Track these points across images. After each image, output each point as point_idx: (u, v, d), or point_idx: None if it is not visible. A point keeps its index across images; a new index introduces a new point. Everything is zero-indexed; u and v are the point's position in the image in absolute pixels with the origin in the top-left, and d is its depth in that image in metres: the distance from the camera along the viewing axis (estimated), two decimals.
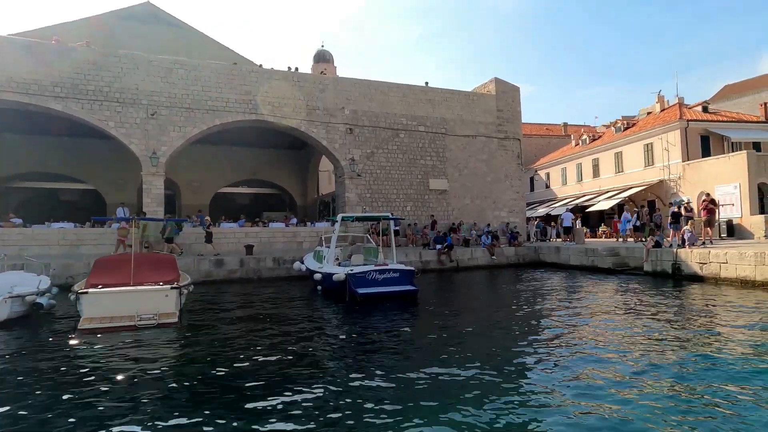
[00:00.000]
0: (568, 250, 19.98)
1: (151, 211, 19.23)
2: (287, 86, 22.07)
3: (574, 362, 6.48)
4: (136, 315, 8.43)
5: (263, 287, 15.67)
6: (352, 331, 9.27)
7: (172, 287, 8.98)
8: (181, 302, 9.82)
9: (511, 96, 26.79)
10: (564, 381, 5.70)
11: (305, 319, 10.22)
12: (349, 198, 22.78)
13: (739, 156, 23.05)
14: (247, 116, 21.42)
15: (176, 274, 10.14)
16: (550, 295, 12.80)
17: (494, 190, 25.76)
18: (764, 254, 11.41)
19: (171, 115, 20.10)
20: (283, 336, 8.31)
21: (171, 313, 8.82)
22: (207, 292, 14.04)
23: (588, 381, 5.66)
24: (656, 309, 9.89)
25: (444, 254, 20.03)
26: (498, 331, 8.72)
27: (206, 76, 20.83)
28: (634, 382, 5.53)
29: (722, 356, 6.44)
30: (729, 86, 52.17)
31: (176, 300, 9.03)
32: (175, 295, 8.99)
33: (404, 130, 24.09)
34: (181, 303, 9.68)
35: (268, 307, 11.71)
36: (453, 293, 14.92)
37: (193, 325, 9.18)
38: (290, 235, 21.78)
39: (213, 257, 17.24)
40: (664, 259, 14.28)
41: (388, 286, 12.23)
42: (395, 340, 8.23)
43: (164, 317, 8.65)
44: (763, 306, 9.73)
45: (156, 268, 9.79)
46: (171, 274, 9.92)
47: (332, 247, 13.56)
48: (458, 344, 7.61)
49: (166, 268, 10.13)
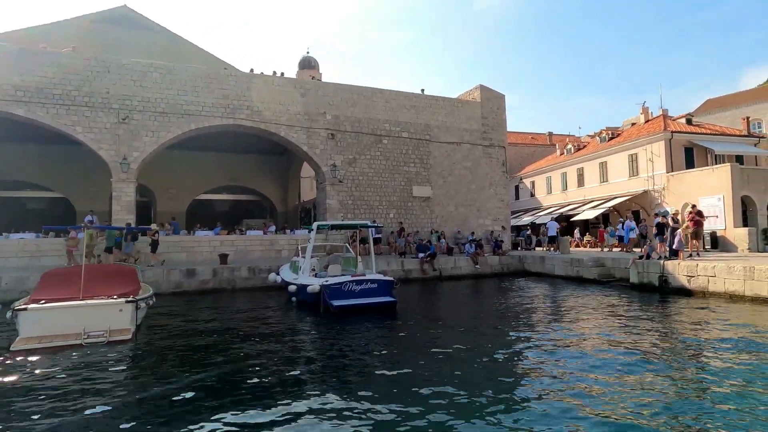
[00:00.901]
0: (553, 260, 19.60)
1: (122, 219, 18.34)
2: (267, 90, 21.44)
3: (559, 378, 6.15)
4: (83, 332, 7.65)
5: (237, 298, 14.97)
6: (323, 346, 8.65)
7: (127, 301, 8.22)
8: (140, 317, 9.08)
9: (496, 103, 26.51)
10: (548, 397, 5.36)
11: (275, 333, 9.56)
12: (330, 205, 22.14)
13: (723, 168, 22.99)
14: (225, 121, 20.71)
15: (135, 287, 9.40)
16: (534, 307, 12.30)
17: (479, 198, 25.35)
18: (753, 268, 11.06)
19: (144, 119, 19.29)
20: (248, 353, 7.65)
21: (125, 329, 8.07)
22: (175, 304, 13.27)
23: (574, 398, 5.27)
24: (642, 326, 9.44)
25: (427, 263, 19.48)
26: (480, 347, 8.15)
27: (182, 79, 20.10)
28: (619, 397, 5.18)
29: (709, 377, 6.04)
30: (711, 100, 53.04)
31: (132, 314, 8.26)
32: (131, 310, 8.22)
33: (387, 136, 23.59)
34: (138, 318, 8.94)
35: (237, 320, 11.02)
36: (435, 305, 14.39)
37: (150, 342, 8.44)
38: (268, 244, 21.03)
39: (184, 267, 16.40)
40: (650, 271, 13.90)
41: (366, 298, 11.63)
42: (368, 358, 7.61)
43: (117, 334, 7.89)
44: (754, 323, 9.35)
45: (111, 281, 9.02)
46: (129, 287, 9.18)
47: (308, 257, 12.92)
48: (436, 362, 7.04)
49: (124, 280, 9.39)
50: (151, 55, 22.08)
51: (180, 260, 18.90)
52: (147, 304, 9.36)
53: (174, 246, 19.49)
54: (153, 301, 10.02)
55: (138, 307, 8.46)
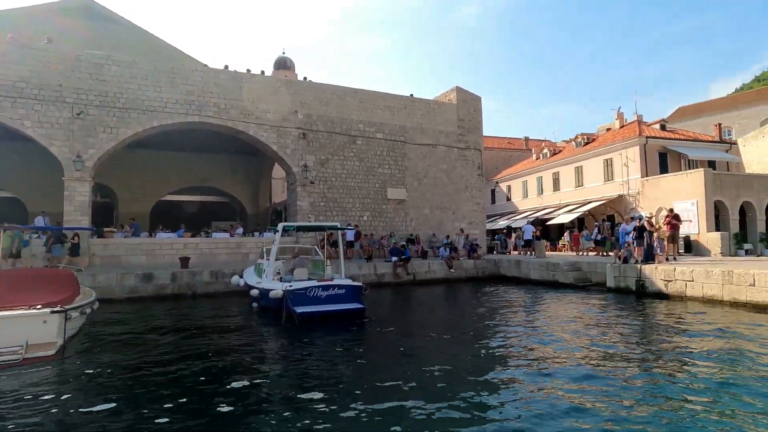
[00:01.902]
0: (529, 264, 19.19)
1: (75, 220, 17.14)
2: (235, 87, 20.52)
3: (534, 391, 5.62)
4: None
5: (197, 304, 14.06)
6: (283, 359, 7.88)
7: (53, 311, 7.20)
8: (74, 327, 8.11)
9: (472, 106, 26.14)
10: (526, 408, 4.94)
11: (230, 344, 8.73)
12: (301, 206, 21.30)
13: (696, 173, 23.08)
14: (190, 118, 19.70)
15: (70, 293, 8.42)
16: (510, 313, 11.74)
17: (454, 201, 24.87)
18: (731, 273, 10.74)
19: (101, 115, 18.13)
20: (197, 371, 6.76)
21: (49, 344, 7.09)
22: (127, 312, 12.26)
23: (553, 411, 4.83)
24: (621, 332, 8.95)
25: (400, 267, 18.83)
26: (453, 358, 7.49)
27: (144, 73, 19.01)
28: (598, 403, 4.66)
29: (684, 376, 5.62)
30: (683, 108, 54.25)
31: (59, 326, 7.24)
32: (57, 321, 7.18)
33: (362, 136, 22.90)
34: (72, 329, 7.98)
35: (189, 328, 10.12)
36: (407, 311, 13.73)
37: (82, 358, 7.47)
38: (234, 247, 20.04)
39: (140, 271, 15.31)
40: (628, 276, 13.54)
41: (332, 305, 10.88)
42: (332, 371, 6.86)
43: (37, 349, 6.88)
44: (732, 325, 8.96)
45: (41, 287, 8.02)
46: (63, 293, 8.19)
47: (271, 260, 12.09)
48: (404, 375, 6.33)
49: (58, 287, 8.39)
50: (115, 50, 20.87)
51: (140, 264, 17.82)
52: (84, 313, 8.36)
53: (134, 249, 18.41)
54: (94, 308, 9.04)
55: (69, 317, 7.46)
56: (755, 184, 24.09)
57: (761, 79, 69.79)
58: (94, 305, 8.94)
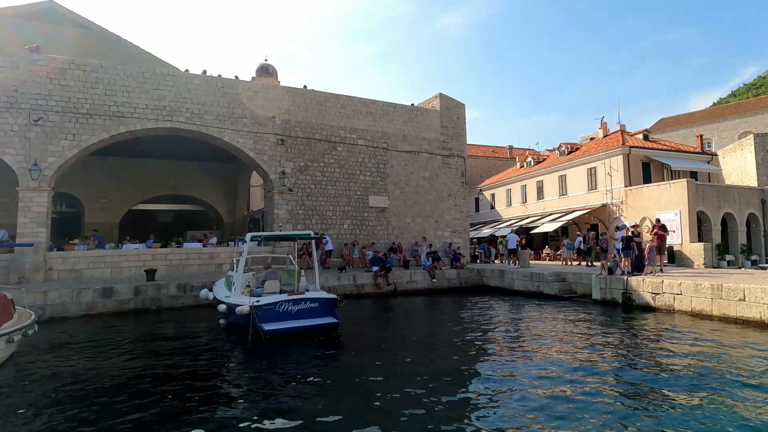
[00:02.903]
0: (513, 274, 18.65)
1: (30, 233, 16.02)
2: (209, 92, 19.67)
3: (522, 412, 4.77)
4: None
5: (162, 320, 13.14)
6: (246, 381, 7.08)
7: None
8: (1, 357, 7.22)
9: (456, 113, 25.68)
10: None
11: (189, 367, 7.89)
12: (278, 215, 20.46)
13: (679, 183, 22.92)
14: (160, 124, 18.75)
15: (4, 316, 7.51)
16: (494, 329, 11.08)
17: (437, 209, 24.28)
18: (722, 287, 10.28)
19: (62, 121, 17.10)
20: (143, 405, 5.93)
21: None
22: (78, 332, 11.27)
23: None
24: (608, 349, 8.36)
25: (381, 277, 18.11)
26: (433, 380, 6.78)
27: (110, 78, 18.05)
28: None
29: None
30: (664, 119, 54.96)
31: None
32: None
33: (342, 143, 22.21)
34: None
35: (146, 351, 9.23)
36: (386, 325, 12.99)
37: (5, 392, 6.56)
38: (207, 257, 19.07)
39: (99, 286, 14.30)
40: (614, 288, 13.03)
41: (304, 320, 10.12)
42: (297, 404, 6.09)
43: None
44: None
45: None
46: None
47: (239, 272, 11.27)
48: (380, 405, 5.59)
49: None
50: (81, 55, 19.85)
51: (104, 277, 16.78)
52: (11, 341, 7.39)
53: (97, 262, 17.33)
54: (32, 332, 8.11)
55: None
56: (737, 195, 24.06)
57: (737, 94, 71.53)
58: (30, 330, 7.98)
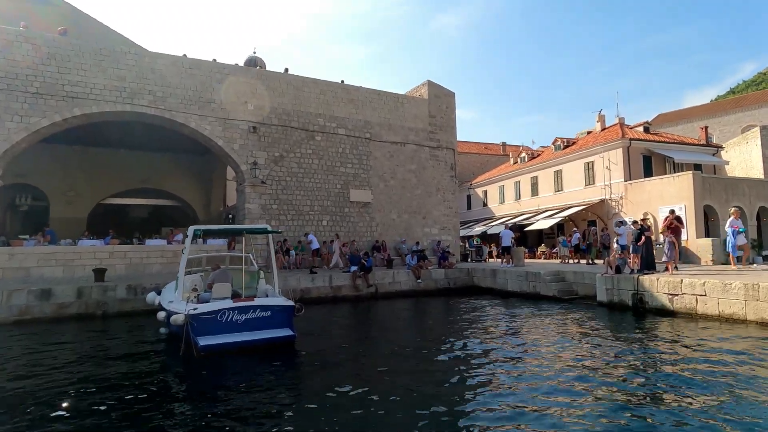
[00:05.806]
0: (506, 274, 17.03)
1: None
2: (175, 73, 17.98)
3: None
4: None
5: (106, 327, 11.43)
6: (170, 409, 5.38)
7: None
8: None
9: (445, 102, 24.07)
10: None
11: (110, 389, 6.19)
12: (250, 209, 18.76)
13: (684, 176, 21.41)
14: (120, 107, 17.08)
15: None
16: (480, 343, 9.43)
17: (424, 205, 22.64)
18: (758, 286, 8.65)
19: (8, 100, 15.43)
20: None
21: None
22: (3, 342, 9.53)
23: None
24: (622, 366, 6.74)
25: (360, 278, 16.43)
26: (413, 410, 5.13)
27: (64, 54, 16.36)
28: None
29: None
30: (663, 115, 53.81)
31: None
32: None
33: (321, 132, 20.54)
34: None
35: (68, 368, 7.48)
36: (361, 337, 11.03)
37: None
38: (171, 255, 17.31)
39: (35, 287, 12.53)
40: (622, 288, 11.38)
41: (250, 332, 8.34)
42: None
43: None
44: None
45: None
46: None
47: (181, 273, 9.51)
48: None
49: None
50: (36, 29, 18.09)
51: (54, 277, 15.07)
52: None
53: (47, 259, 15.62)
54: None
55: None
56: (746, 188, 22.60)
57: (736, 91, 70.55)
58: None
